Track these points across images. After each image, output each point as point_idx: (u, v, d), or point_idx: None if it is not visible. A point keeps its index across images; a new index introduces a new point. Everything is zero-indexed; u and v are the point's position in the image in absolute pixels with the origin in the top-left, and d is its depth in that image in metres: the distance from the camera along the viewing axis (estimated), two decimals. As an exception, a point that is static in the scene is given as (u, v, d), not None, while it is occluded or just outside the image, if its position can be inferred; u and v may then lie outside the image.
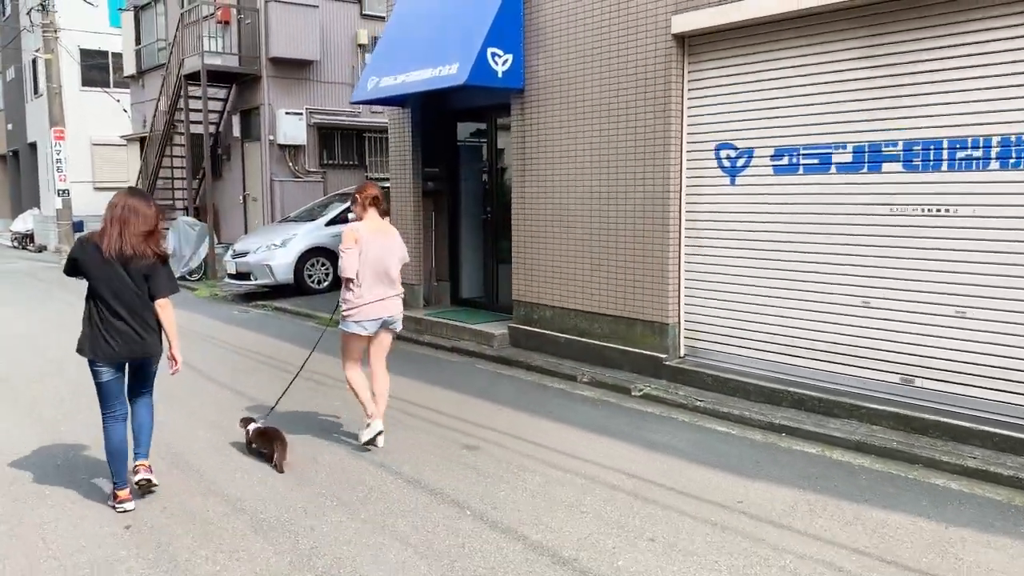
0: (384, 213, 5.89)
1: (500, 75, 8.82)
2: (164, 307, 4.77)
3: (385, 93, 9.88)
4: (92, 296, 4.67)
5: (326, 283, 14.28)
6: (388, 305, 5.79)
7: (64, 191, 21.38)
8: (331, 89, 17.95)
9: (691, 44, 7.42)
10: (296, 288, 13.99)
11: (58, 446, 6.15)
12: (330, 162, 18.08)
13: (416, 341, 10.12)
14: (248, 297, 14.47)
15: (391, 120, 11.26)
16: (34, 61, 28.78)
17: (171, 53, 18.46)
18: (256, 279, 13.94)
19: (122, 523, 4.69)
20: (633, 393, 7.43)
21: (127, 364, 4.82)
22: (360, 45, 18.10)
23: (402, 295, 5.97)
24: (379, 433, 5.86)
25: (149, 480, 4.94)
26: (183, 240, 16.78)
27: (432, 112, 10.92)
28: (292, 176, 17.46)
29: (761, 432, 6.30)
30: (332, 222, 14.37)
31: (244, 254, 14.08)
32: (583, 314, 8.48)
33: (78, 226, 22.21)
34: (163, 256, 4.76)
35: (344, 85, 18.05)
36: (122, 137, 23.73)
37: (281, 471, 5.46)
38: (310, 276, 14.14)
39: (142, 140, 22.50)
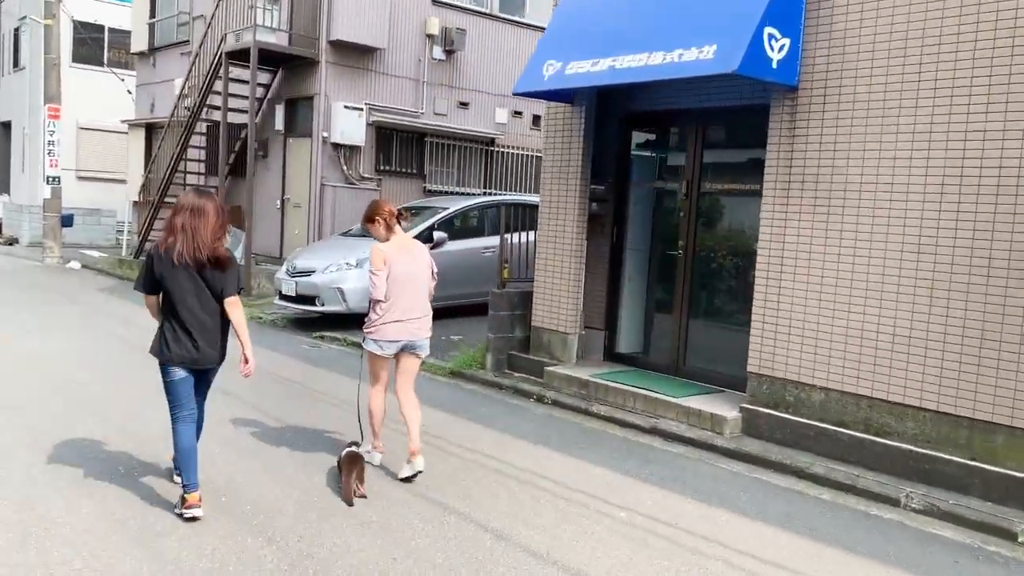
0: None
1: (775, 65, 6.44)
2: (234, 305, 4.74)
3: (577, 83, 7.42)
4: (167, 302, 4.66)
5: (403, 314, 11.66)
6: (411, 328, 5.47)
7: (54, 178, 18.40)
8: (394, 84, 15.40)
9: None
10: (369, 319, 11.35)
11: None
12: (386, 168, 15.49)
13: (584, 411, 7.61)
14: (302, 324, 11.80)
15: (551, 120, 8.78)
16: (16, 31, 25.67)
17: (208, 26, 15.73)
18: (324, 304, 11.27)
19: None
20: (1022, 539, 5.04)
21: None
22: (429, 35, 15.59)
23: (429, 316, 5.61)
24: (418, 472, 5.46)
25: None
26: (211, 247, 13.99)
27: (600, 114, 8.50)
28: (345, 181, 14.82)
29: None
30: (420, 240, 11.74)
31: (307, 273, 11.41)
32: (885, 405, 6.08)
33: (67, 220, 19.23)
34: (231, 256, 4.76)
35: (408, 80, 15.54)
36: (124, 122, 20.77)
37: (349, 504, 5.01)
38: (386, 305, 11.50)
39: (148, 127, 19.67)
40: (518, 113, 17.18)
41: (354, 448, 5.38)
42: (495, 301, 8.95)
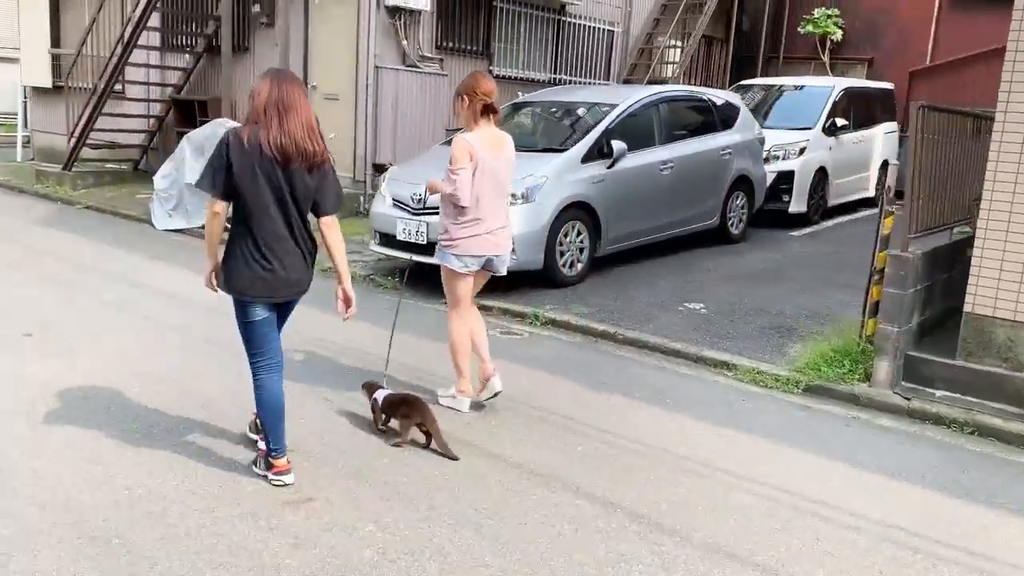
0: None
1: None
2: (331, 227, 3.77)
3: None
4: (242, 213, 3.57)
5: (580, 266, 7.89)
6: (498, 240, 4.68)
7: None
8: (456, -78, 10.99)
9: None
10: (543, 275, 7.55)
11: None
12: (448, 44, 11.21)
13: None
14: (421, 282, 7.75)
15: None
16: None
17: None
18: (482, 259, 7.28)
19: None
20: None
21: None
22: None
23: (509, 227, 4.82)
24: (497, 393, 4.78)
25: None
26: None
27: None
28: (402, 62, 10.49)
29: None
30: (593, 155, 7.92)
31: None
32: None
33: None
34: (330, 160, 3.72)
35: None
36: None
37: (454, 457, 4.09)
38: (561, 253, 7.69)
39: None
40: (589, -30, 13.09)
41: (385, 391, 4.44)
42: (897, 272, 5.35)
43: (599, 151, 7.98)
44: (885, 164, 13.59)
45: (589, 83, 13.16)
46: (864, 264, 5.89)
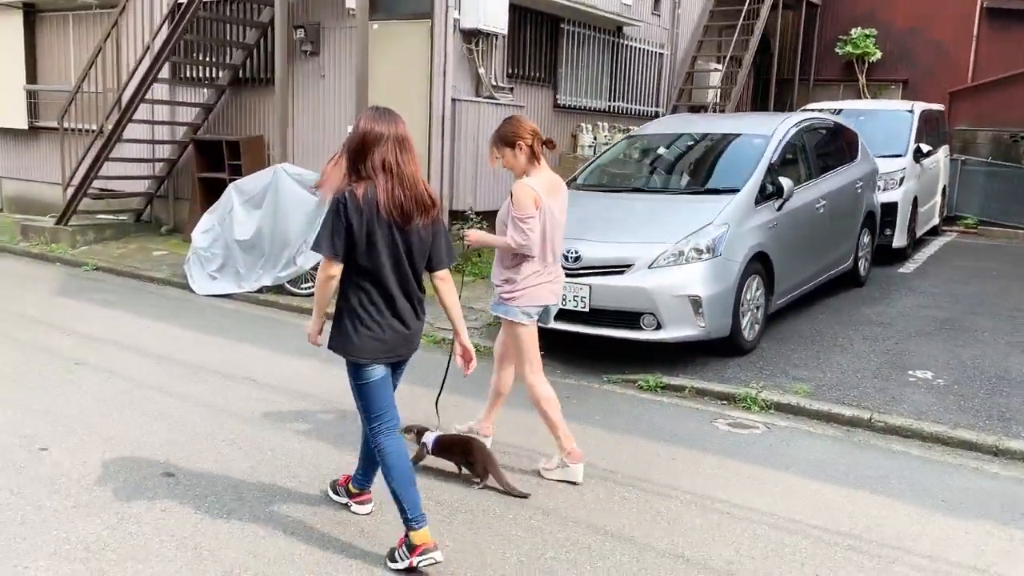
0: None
1: None
2: (445, 280, 3.55)
3: None
4: (356, 274, 3.38)
5: (757, 327, 6.69)
6: (557, 289, 4.39)
7: None
8: (523, -65, 9.78)
9: None
10: (728, 341, 6.33)
11: None
12: (516, 72, 9.96)
13: None
14: (563, 349, 6.46)
15: None
16: None
17: None
18: (662, 326, 5.99)
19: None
20: None
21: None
22: None
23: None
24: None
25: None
26: (282, 212, 8.11)
27: None
28: (475, 93, 9.18)
29: None
30: (758, 196, 6.74)
31: (617, 267, 6.06)
32: None
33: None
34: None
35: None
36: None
37: (523, 495, 4.07)
38: (743, 314, 6.47)
39: (28, 10, 12.58)
40: (643, -12, 12.04)
41: (433, 432, 4.34)
42: None
43: (761, 191, 6.82)
44: (944, 190, 12.90)
45: (656, 111, 12.14)
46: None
